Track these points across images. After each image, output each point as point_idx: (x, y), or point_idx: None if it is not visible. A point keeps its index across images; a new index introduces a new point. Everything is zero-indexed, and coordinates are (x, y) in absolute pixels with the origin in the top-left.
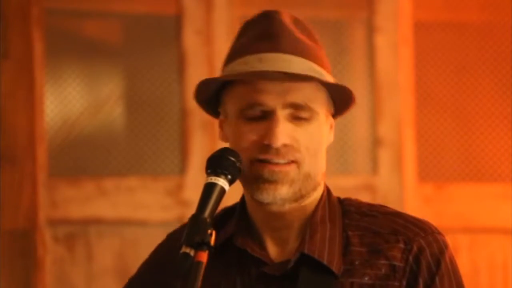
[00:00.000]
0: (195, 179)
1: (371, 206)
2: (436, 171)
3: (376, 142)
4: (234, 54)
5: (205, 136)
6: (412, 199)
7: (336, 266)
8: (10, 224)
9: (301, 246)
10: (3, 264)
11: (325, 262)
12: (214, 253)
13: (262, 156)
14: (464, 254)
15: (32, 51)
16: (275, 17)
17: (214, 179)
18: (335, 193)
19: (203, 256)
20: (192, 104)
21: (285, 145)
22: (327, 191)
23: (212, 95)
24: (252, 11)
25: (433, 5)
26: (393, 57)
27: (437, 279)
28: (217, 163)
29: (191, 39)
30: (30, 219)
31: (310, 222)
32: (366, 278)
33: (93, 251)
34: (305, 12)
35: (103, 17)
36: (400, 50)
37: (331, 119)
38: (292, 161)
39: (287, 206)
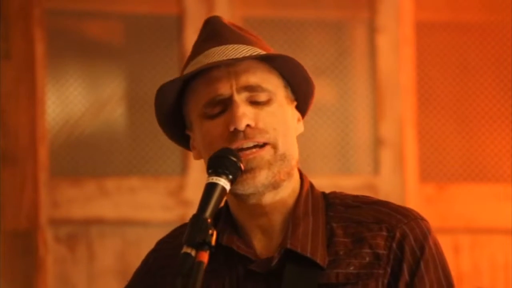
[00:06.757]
0: (196, 179)
1: (355, 197)
2: (438, 172)
3: (377, 142)
4: (187, 60)
5: None
6: (414, 200)
7: (320, 258)
8: (12, 224)
9: (284, 241)
10: (4, 264)
11: (308, 255)
12: None
13: (232, 146)
14: (466, 254)
15: (34, 52)
16: (216, 21)
17: (215, 179)
18: None
19: (204, 256)
20: None
21: (250, 127)
22: (310, 185)
23: (175, 115)
24: (253, 11)
25: (435, 5)
26: (395, 57)
27: (422, 264)
28: (218, 163)
29: (192, 39)
30: (32, 219)
31: (292, 217)
32: (351, 268)
33: (94, 251)
34: (306, 12)
35: (104, 17)
36: (402, 50)
37: (295, 111)
38: (265, 144)
39: (267, 197)
